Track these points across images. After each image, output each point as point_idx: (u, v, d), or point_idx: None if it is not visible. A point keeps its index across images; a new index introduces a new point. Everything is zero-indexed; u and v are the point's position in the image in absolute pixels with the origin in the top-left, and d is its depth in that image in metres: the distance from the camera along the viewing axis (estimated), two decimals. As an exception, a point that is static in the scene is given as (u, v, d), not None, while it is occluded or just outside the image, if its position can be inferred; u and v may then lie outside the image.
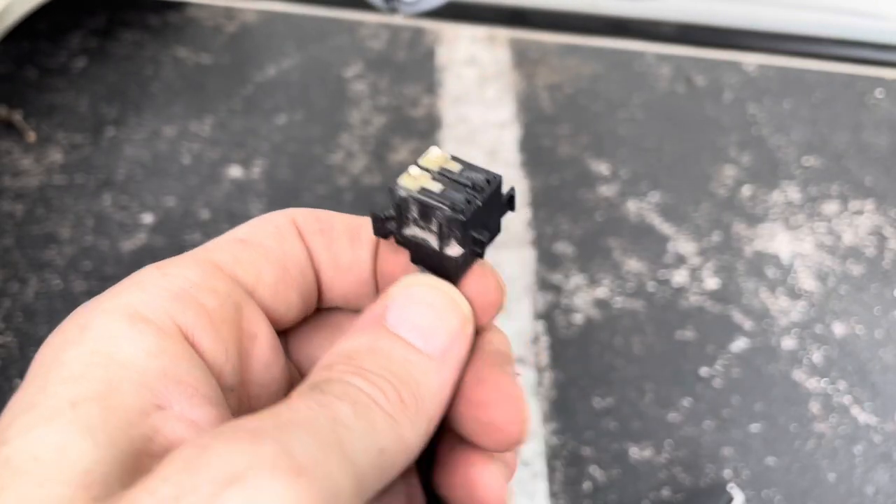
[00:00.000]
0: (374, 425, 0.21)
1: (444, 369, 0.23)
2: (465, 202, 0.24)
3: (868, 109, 1.50)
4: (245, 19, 1.66)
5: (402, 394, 0.22)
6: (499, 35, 1.62)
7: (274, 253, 0.26)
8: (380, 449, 0.20)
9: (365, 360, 0.22)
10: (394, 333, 0.23)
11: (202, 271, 0.24)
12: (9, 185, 1.26)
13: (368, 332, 0.23)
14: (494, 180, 0.25)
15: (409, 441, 0.22)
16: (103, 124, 1.38)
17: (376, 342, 0.23)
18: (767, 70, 1.57)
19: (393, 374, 0.22)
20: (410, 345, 0.23)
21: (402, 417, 0.21)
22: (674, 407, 1.00)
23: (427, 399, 0.22)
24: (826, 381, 1.04)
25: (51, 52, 1.54)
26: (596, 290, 1.14)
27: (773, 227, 1.25)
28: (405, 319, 0.24)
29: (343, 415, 0.20)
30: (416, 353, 0.23)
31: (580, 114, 1.46)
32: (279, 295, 0.26)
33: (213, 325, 0.23)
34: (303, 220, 0.27)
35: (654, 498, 0.92)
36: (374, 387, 0.22)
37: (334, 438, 0.19)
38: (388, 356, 0.23)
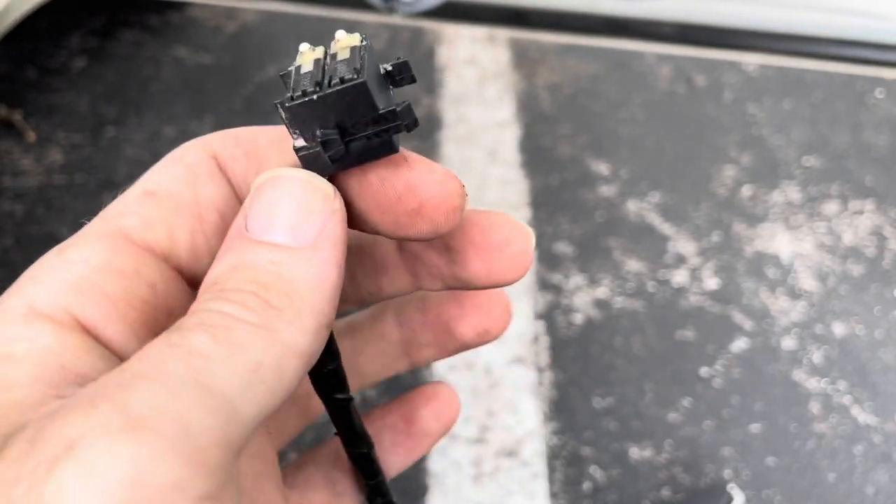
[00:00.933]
0: (239, 343, 0.19)
1: (319, 255, 0.21)
2: (301, 93, 0.22)
3: (868, 109, 1.50)
4: (245, 19, 1.66)
5: (269, 299, 0.20)
6: (498, 35, 1.62)
7: (185, 202, 0.24)
8: (254, 364, 0.19)
9: (227, 280, 0.21)
10: (256, 241, 0.21)
11: (106, 249, 0.22)
12: (8, 185, 1.26)
13: (232, 251, 0.22)
14: (352, 79, 0.22)
15: (293, 342, 0.20)
16: (103, 124, 1.38)
17: (241, 257, 0.21)
18: (767, 70, 1.57)
19: (256, 283, 0.21)
20: (275, 245, 0.21)
21: (275, 322, 0.20)
22: (674, 407, 1.00)
23: (305, 292, 0.21)
24: (826, 381, 1.04)
25: (51, 51, 1.54)
26: (596, 290, 1.14)
27: (774, 227, 1.25)
28: (263, 222, 0.22)
29: (198, 345, 0.19)
30: (280, 252, 0.21)
31: (580, 114, 1.46)
32: (199, 251, 0.24)
33: (118, 312, 0.21)
34: (221, 146, 0.25)
35: (654, 498, 0.92)
36: (233, 304, 0.20)
37: (187, 375, 0.18)
38: (252, 267, 0.21)
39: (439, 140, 1.38)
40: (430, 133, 1.39)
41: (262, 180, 0.22)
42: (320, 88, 0.22)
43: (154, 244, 0.23)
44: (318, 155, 0.22)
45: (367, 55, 0.23)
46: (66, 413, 0.17)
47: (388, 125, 0.23)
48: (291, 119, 0.22)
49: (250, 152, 0.25)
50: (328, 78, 0.22)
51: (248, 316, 0.20)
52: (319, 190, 0.22)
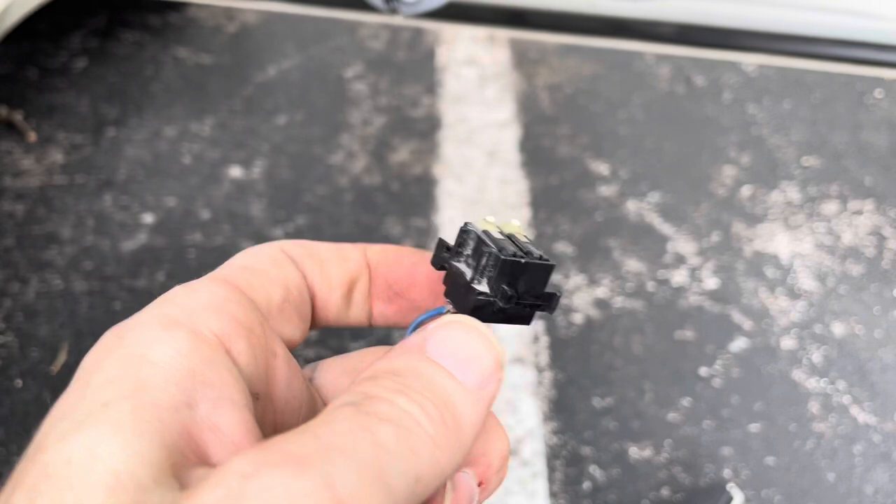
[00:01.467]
0: (414, 450, 0.20)
1: (480, 403, 0.23)
2: (512, 253, 0.26)
3: (867, 109, 1.50)
4: (245, 20, 1.67)
5: (444, 416, 0.21)
6: (499, 35, 1.62)
7: (277, 277, 0.27)
8: (417, 476, 0.20)
9: (409, 378, 0.22)
10: (434, 361, 0.23)
11: (226, 289, 0.25)
12: (9, 186, 1.26)
13: (409, 357, 0.23)
14: (546, 260, 0.27)
15: (444, 469, 0.21)
16: (104, 124, 1.39)
17: (418, 365, 0.23)
18: (767, 70, 1.57)
19: (436, 396, 0.22)
20: (450, 373, 0.23)
21: (442, 442, 0.21)
22: (673, 407, 1.00)
23: (466, 427, 0.22)
24: (825, 380, 1.04)
25: (51, 52, 1.54)
26: (596, 290, 1.14)
27: (773, 227, 1.25)
28: (445, 350, 0.23)
29: (385, 438, 0.20)
30: (455, 382, 0.23)
31: (580, 114, 1.47)
32: (286, 316, 0.27)
33: (245, 333, 0.24)
34: (290, 247, 0.29)
35: (653, 498, 0.92)
36: (418, 406, 0.21)
37: (375, 466, 0.19)
38: (430, 379, 0.22)
39: (439, 140, 1.38)
40: (430, 133, 1.39)
41: (450, 319, 0.24)
42: (524, 256, 0.26)
43: (255, 300, 0.25)
44: (492, 304, 0.26)
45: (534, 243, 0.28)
46: (269, 471, 0.18)
47: (542, 303, 0.27)
48: (499, 269, 0.26)
49: (313, 255, 0.29)
50: (524, 250, 0.26)
51: (426, 425, 0.21)
52: (497, 353, 0.24)
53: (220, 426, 0.21)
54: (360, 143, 1.37)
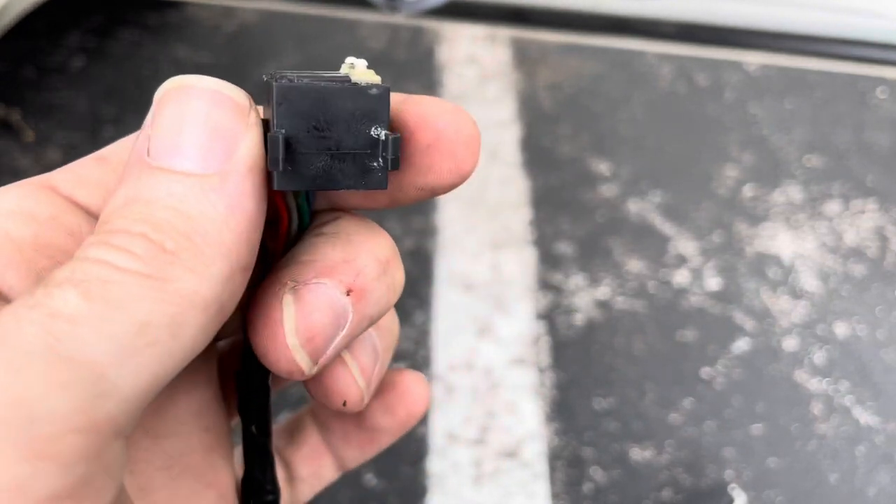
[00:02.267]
0: (117, 300, 0.16)
1: (230, 183, 0.18)
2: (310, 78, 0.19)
3: (870, 109, 1.50)
4: (244, 18, 1.66)
5: (162, 242, 0.17)
6: (499, 34, 1.62)
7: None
8: (137, 324, 0.16)
9: (115, 220, 0.18)
10: (156, 167, 0.18)
11: (23, 197, 0.20)
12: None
13: (129, 178, 0.18)
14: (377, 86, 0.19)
15: (193, 293, 0.17)
16: (102, 123, 1.38)
17: (137, 188, 0.18)
18: (769, 69, 1.57)
19: (147, 222, 0.17)
20: (176, 173, 0.18)
21: (168, 270, 0.17)
22: (675, 408, 1.00)
23: (211, 231, 0.17)
24: (828, 381, 1.04)
25: (49, 51, 1.53)
26: (597, 291, 1.13)
27: (775, 227, 1.25)
28: (166, 143, 0.18)
29: (63, 305, 0.15)
30: (182, 182, 0.18)
31: (581, 113, 1.46)
32: None
33: (23, 255, 0.19)
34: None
35: (655, 499, 0.91)
36: (116, 251, 0.17)
37: (41, 344, 0.15)
38: (147, 201, 0.18)
39: (439, 139, 1.38)
40: (430, 132, 1.39)
41: (164, 90, 0.19)
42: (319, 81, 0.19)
43: (83, 200, 0.21)
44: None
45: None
46: None
47: (380, 153, 0.20)
48: (275, 100, 0.19)
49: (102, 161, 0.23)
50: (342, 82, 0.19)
51: (132, 264, 0.16)
52: (230, 100, 0.19)
53: None
54: (359, 142, 1.36)
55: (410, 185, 0.21)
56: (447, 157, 0.20)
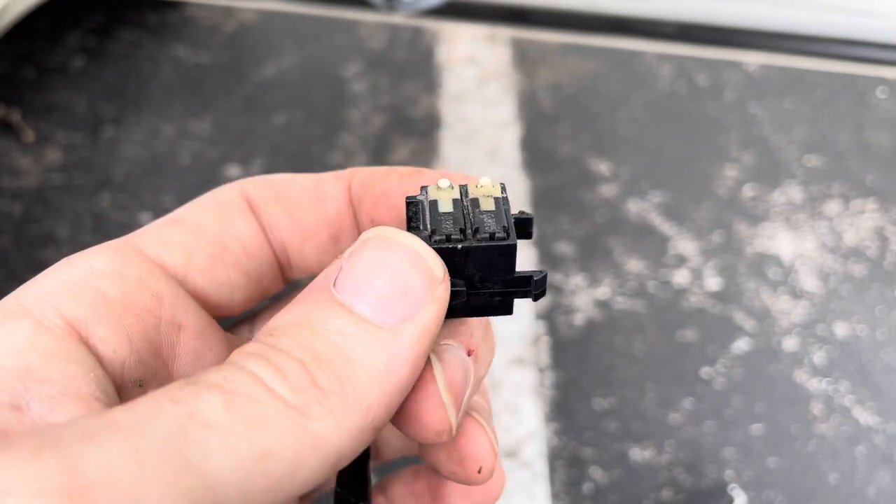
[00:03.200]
0: (254, 421, 0.16)
1: (398, 343, 0.18)
2: (446, 236, 0.20)
3: (870, 109, 1.50)
4: (244, 18, 1.66)
5: (316, 376, 0.17)
6: (499, 34, 1.62)
7: (209, 231, 0.23)
8: (261, 451, 0.16)
9: (284, 336, 0.18)
10: (336, 300, 0.19)
11: (112, 258, 0.21)
12: (7, 185, 1.26)
13: (308, 300, 0.19)
14: (504, 239, 0.21)
15: (325, 438, 0.17)
16: (102, 123, 1.38)
17: (312, 312, 0.18)
18: (769, 69, 1.57)
19: (310, 352, 0.17)
20: (353, 313, 0.18)
21: (312, 407, 0.17)
22: (675, 408, 1.00)
23: (363, 382, 0.17)
24: (828, 381, 1.04)
25: (49, 50, 1.53)
26: (597, 291, 1.13)
27: (775, 227, 1.25)
28: (353, 281, 0.19)
29: (204, 409, 0.15)
30: (355, 324, 0.18)
31: (581, 113, 1.46)
32: (216, 277, 0.22)
33: (114, 313, 0.20)
34: (253, 189, 0.24)
35: (655, 499, 0.91)
36: (271, 369, 0.17)
37: (172, 441, 0.15)
38: (316, 329, 0.18)
39: (439, 140, 1.38)
40: (430, 133, 1.39)
41: (368, 236, 0.20)
42: (464, 237, 0.20)
43: (168, 262, 0.22)
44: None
45: (508, 208, 0.22)
46: (4, 455, 0.14)
47: (517, 290, 0.22)
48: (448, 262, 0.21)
49: (282, 197, 0.24)
50: (473, 227, 0.21)
51: (282, 390, 0.16)
52: (425, 267, 0.19)
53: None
54: (359, 142, 1.36)
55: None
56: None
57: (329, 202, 0.24)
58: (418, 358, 0.19)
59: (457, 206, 0.21)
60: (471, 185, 0.22)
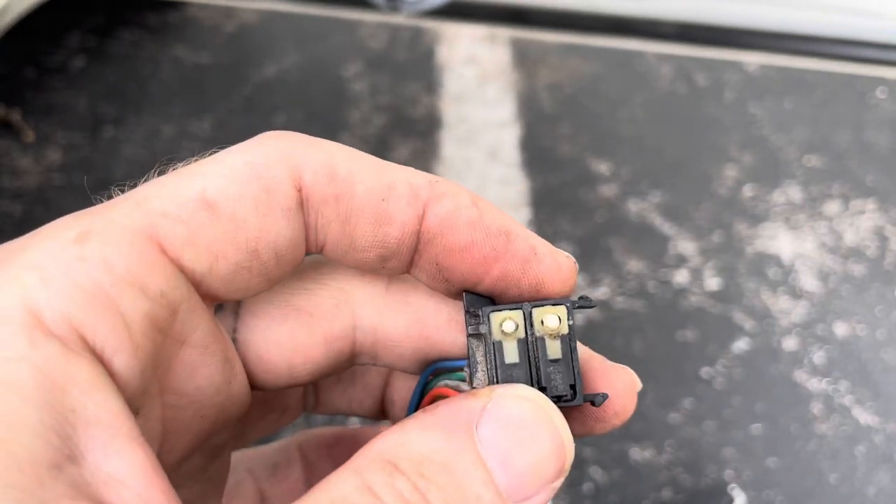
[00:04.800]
0: None
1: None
2: None
3: (869, 109, 1.50)
4: (244, 19, 1.66)
5: None
6: (499, 34, 1.62)
7: (244, 233, 0.19)
8: None
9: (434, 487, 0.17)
10: (480, 458, 0.18)
11: (134, 255, 0.18)
12: (7, 186, 1.26)
13: (449, 436, 0.18)
14: (573, 398, 0.21)
15: None
16: (102, 124, 1.38)
17: (454, 457, 0.18)
18: (768, 69, 1.57)
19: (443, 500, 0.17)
20: (493, 483, 0.18)
21: None
22: (675, 407, 1.00)
23: None
24: (827, 381, 1.04)
25: (49, 51, 1.53)
26: (597, 291, 1.13)
27: (775, 227, 1.25)
28: (500, 443, 0.18)
29: None
30: (491, 496, 0.18)
31: (581, 113, 1.46)
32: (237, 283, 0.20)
33: (133, 340, 0.17)
34: (312, 179, 0.20)
35: (655, 499, 0.91)
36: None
37: None
38: (458, 485, 0.18)
39: (439, 140, 1.38)
40: (430, 133, 1.39)
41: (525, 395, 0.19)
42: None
43: (189, 266, 0.19)
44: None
45: (576, 356, 0.22)
46: None
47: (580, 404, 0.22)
48: None
49: (342, 197, 0.20)
50: (540, 384, 0.21)
51: None
52: (563, 456, 0.20)
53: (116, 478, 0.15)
54: (359, 142, 1.36)
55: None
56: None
57: (395, 227, 0.20)
58: None
59: (522, 354, 0.22)
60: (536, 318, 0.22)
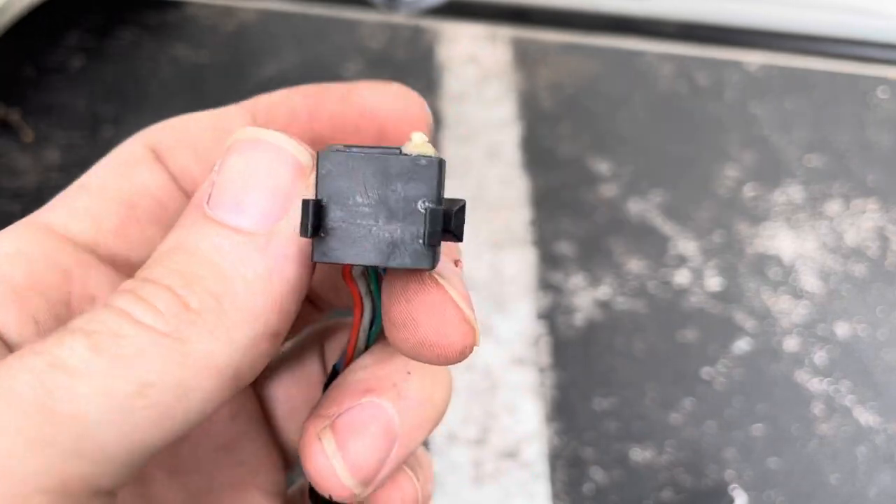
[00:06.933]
0: (125, 356, 0.15)
1: (277, 244, 0.17)
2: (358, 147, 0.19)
3: (871, 108, 1.50)
4: (244, 18, 1.66)
5: (187, 299, 0.16)
6: (499, 33, 1.62)
7: (116, 191, 0.22)
8: (138, 384, 0.15)
9: (156, 266, 0.17)
10: (209, 218, 0.18)
11: (18, 238, 0.20)
12: (6, 186, 1.26)
13: (184, 223, 0.18)
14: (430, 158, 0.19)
15: (208, 356, 0.16)
16: (101, 123, 1.38)
17: (187, 235, 0.18)
18: (769, 69, 1.57)
19: (181, 275, 0.17)
20: (225, 227, 0.18)
21: (186, 329, 0.16)
22: (675, 408, 1.00)
23: (243, 293, 0.17)
24: (828, 381, 1.04)
25: (48, 50, 1.53)
26: (597, 291, 1.13)
27: (776, 227, 1.25)
28: (225, 197, 0.18)
29: (67, 356, 0.15)
30: (228, 237, 0.17)
31: (581, 113, 1.46)
32: (131, 237, 0.22)
33: (17, 294, 0.19)
34: (157, 137, 0.23)
35: (655, 499, 0.91)
36: (139, 302, 0.16)
37: (32, 395, 0.14)
38: (190, 251, 0.17)
39: (439, 140, 1.38)
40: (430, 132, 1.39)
41: (234, 139, 0.19)
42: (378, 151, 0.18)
43: (77, 233, 0.21)
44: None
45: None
46: None
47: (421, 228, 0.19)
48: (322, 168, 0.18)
49: (184, 139, 0.23)
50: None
51: (151, 320, 0.16)
52: (291, 158, 0.18)
53: None
54: (359, 142, 1.36)
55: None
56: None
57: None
58: (300, 256, 0.18)
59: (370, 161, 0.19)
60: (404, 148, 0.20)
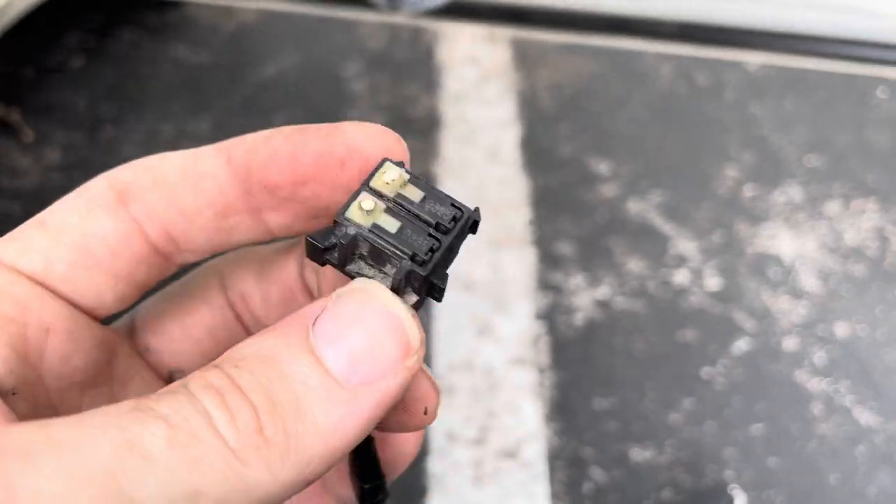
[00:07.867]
0: (194, 458, 0.16)
1: (357, 405, 0.18)
2: (429, 250, 0.20)
3: (870, 108, 1.50)
4: (244, 18, 1.66)
5: (264, 424, 0.17)
6: (499, 34, 1.62)
7: (72, 235, 0.23)
8: (192, 490, 0.16)
9: (247, 372, 0.18)
10: (309, 346, 0.18)
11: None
12: (6, 186, 1.26)
13: (284, 333, 0.19)
14: (462, 216, 0.21)
15: (258, 487, 0.17)
16: (101, 123, 1.38)
17: (283, 350, 0.18)
18: (769, 69, 1.57)
19: (266, 397, 0.17)
20: (320, 364, 0.18)
21: (251, 454, 0.16)
22: (675, 408, 1.00)
23: (310, 438, 0.17)
24: (828, 381, 1.04)
25: (49, 50, 1.53)
26: (597, 291, 1.13)
27: (775, 227, 1.25)
28: (331, 331, 0.18)
29: (146, 441, 0.15)
30: (320, 378, 0.18)
31: (581, 113, 1.46)
32: (79, 283, 0.22)
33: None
34: (127, 177, 0.24)
35: (655, 499, 0.91)
36: (222, 408, 0.17)
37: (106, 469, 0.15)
38: (281, 373, 0.18)
39: (439, 140, 1.38)
40: (430, 133, 1.39)
41: (358, 288, 0.19)
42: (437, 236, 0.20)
43: (26, 271, 0.22)
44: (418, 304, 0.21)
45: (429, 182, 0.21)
46: None
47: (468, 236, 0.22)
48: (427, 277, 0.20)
49: (158, 181, 0.23)
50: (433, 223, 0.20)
51: (227, 432, 0.16)
52: (403, 335, 0.19)
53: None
54: (359, 142, 1.36)
55: None
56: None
57: (208, 179, 0.24)
58: (371, 422, 0.18)
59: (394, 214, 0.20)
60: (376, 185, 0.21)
